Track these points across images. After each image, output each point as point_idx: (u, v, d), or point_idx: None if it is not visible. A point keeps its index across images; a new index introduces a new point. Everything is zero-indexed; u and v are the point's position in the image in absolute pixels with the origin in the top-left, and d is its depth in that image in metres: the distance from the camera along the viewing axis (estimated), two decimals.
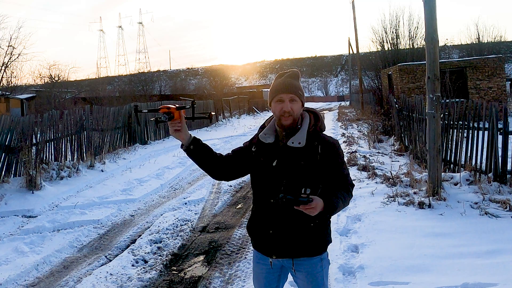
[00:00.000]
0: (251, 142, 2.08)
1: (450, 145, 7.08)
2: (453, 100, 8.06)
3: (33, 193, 6.76)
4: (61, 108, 16.45)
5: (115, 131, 11.42)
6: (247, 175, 2.12)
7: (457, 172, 6.57)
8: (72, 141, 9.26)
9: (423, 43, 7.09)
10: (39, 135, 8.28)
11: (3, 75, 25.40)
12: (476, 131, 6.39)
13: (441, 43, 27.97)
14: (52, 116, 8.69)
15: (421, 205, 5.26)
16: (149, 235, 5.05)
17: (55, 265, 4.36)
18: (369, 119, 16.50)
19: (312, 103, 60.29)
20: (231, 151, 2.13)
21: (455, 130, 6.91)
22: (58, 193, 7.03)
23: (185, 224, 5.49)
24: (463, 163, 6.59)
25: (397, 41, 23.51)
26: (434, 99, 5.78)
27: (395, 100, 11.25)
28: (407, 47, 23.23)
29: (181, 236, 5.06)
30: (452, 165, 6.98)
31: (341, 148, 2.00)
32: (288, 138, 1.94)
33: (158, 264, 4.24)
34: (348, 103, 43.71)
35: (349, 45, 31.82)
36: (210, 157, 2.02)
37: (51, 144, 8.59)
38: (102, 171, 8.89)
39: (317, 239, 1.96)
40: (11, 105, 25.66)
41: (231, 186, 7.61)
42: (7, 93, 25.83)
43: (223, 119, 23.87)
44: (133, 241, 4.93)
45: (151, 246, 4.70)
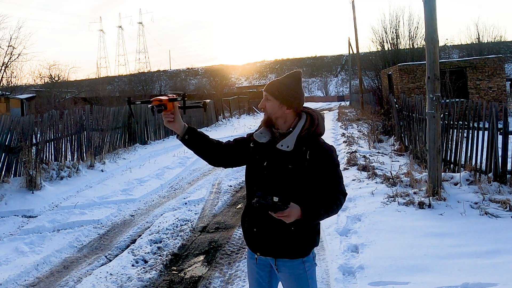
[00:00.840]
0: (251, 136, 2.09)
1: (450, 145, 7.08)
2: (453, 100, 8.06)
3: (33, 193, 6.76)
4: (61, 108, 16.46)
5: (115, 131, 11.42)
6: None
7: (457, 172, 6.57)
8: (72, 141, 9.26)
9: (423, 43, 7.09)
10: (39, 135, 8.28)
11: (3, 75, 25.44)
12: (476, 131, 6.39)
13: (441, 43, 27.96)
14: (52, 116, 8.68)
15: (421, 205, 5.26)
16: (149, 235, 5.05)
17: (55, 265, 4.36)
18: (369, 119, 16.51)
19: (312, 103, 60.27)
20: (232, 140, 2.14)
21: (455, 130, 6.91)
22: (58, 193, 7.04)
23: (185, 224, 5.50)
24: (463, 163, 6.59)
25: (397, 41, 23.53)
26: (434, 99, 5.78)
27: (395, 100, 11.25)
28: (407, 47, 23.24)
29: (181, 236, 5.06)
30: (452, 165, 6.98)
31: (336, 155, 1.96)
32: (281, 139, 1.95)
33: (158, 264, 4.25)
34: (348, 103, 43.69)
35: (349, 45, 31.83)
36: (206, 145, 2.04)
37: (51, 144, 8.59)
38: (102, 171, 8.89)
39: (299, 243, 1.94)
40: (11, 105, 25.68)
41: (231, 186, 7.61)
42: (7, 93, 25.85)
43: (223, 119, 23.87)
44: (133, 241, 4.93)
45: (151, 246, 4.70)
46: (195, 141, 2.00)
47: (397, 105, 10.84)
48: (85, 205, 6.44)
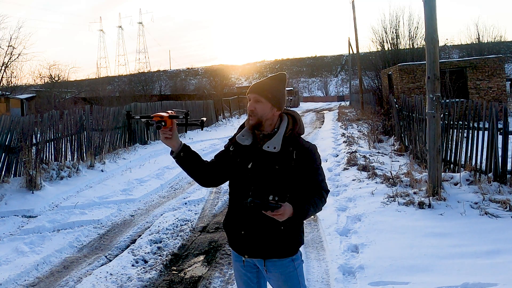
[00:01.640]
0: (230, 141, 2.09)
1: (450, 145, 7.08)
2: (453, 100, 8.06)
3: (33, 193, 6.76)
4: (61, 108, 16.45)
5: (115, 131, 11.42)
6: None
7: (457, 172, 6.57)
8: (72, 141, 9.26)
9: (423, 43, 7.10)
10: (39, 135, 8.28)
11: (3, 75, 25.45)
12: (476, 131, 6.39)
13: (441, 43, 27.98)
14: (52, 116, 8.68)
15: (421, 205, 5.26)
16: (149, 235, 5.05)
17: (55, 265, 4.36)
18: (369, 119, 16.49)
19: (312, 103, 60.28)
20: (214, 157, 2.12)
21: (455, 130, 6.91)
22: (58, 193, 7.04)
23: (185, 224, 5.50)
24: (463, 163, 6.59)
25: (397, 41, 23.55)
26: (434, 99, 5.78)
27: (395, 100, 11.25)
28: (407, 47, 23.27)
29: (181, 236, 5.06)
30: (452, 165, 6.98)
31: (317, 153, 1.99)
32: (267, 139, 1.95)
33: (158, 264, 4.25)
34: (348, 103, 43.65)
35: (349, 45, 31.82)
36: (199, 165, 2.02)
37: (51, 144, 8.59)
38: (102, 171, 8.89)
39: (288, 241, 1.96)
40: (11, 105, 25.68)
41: None
42: (7, 93, 25.87)
43: (223, 119, 23.85)
44: (133, 241, 4.93)
45: (151, 246, 4.70)
46: (189, 160, 1.99)
47: (397, 105, 10.84)
48: (85, 205, 6.44)
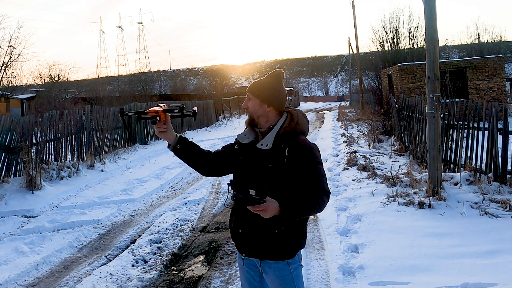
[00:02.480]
0: (236, 139, 2.12)
1: (450, 145, 7.08)
2: (453, 100, 8.06)
3: (33, 193, 6.76)
4: (61, 108, 16.45)
5: (115, 131, 11.43)
6: None
7: (457, 172, 6.57)
8: (72, 141, 9.26)
9: (423, 43, 7.10)
10: (39, 135, 8.28)
11: (3, 75, 25.45)
12: (476, 131, 6.39)
13: (441, 43, 27.98)
14: (52, 116, 8.68)
15: (421, 205, 5.26)
16: (149, 235, 5.05)
17: (55, 265, 4.36)
18: (369, 119, 16.49)
19: (312, 103, 60.24)
20: (221, 148, 2.16)
21: (455, 130, 6.91)
22: (58, 193, 7.04)
23: (185, 224, 5.50)
24: (463, 163, 6.59)
25: (397, 41, 23.52)
26: (434, 99, 5.78)
27: (395, 100, 11.24)
28: (407, 47, 23.23)
29: (181, 236, 5.06)
30: (452, 165, 6.98)
31: (316, 152, 1.93)
32: (262, 139, 1.97)
33: (158, 264, 4.25)
34: (348, 103, 43.63)
35: (349, 45, 31.82)
36: (198, 155, 2.04)
37: (51, 144, 8.59)
38: (102, 171, 8.89)
39: (284, 245, 1.91)
40: (11, 105, 25.67)
41: None
42: (7, 93, 25.86)
43: (223, 119, 23.85)
44: (133, 241, 4.93)
45: (151, 246, 4.70)
46: (186, 151, 2.01)
47: (397, 105, 10.84)
48: (85, 205, 6.44)
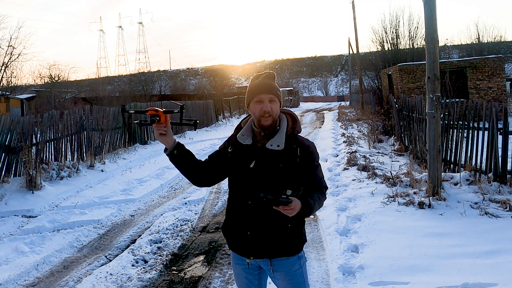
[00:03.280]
0: (228, 142, 2.08)
1: (450, 145, 7.08)
2: (453, 100, 8.06)
3: (33, 193, 6.76)
4: (61, 108, 16.46)
5: (115, 131, 11.42)
6: None
7: (457, 172, 6.57)
8: (72, 141, 9.26)
9: (423, 43, 7.10)
10: (39, 135, 8.28)
11: (3, 75, 25.45)
12: (476, 131, 6.39)
13: (441, 43, 27.98)
14: (52, 116, 8.68)
15: (421, 205, 5.26)
16: (149, 235, 5.05)
17: (55, 265, 4.36)
18: (369, 119, 16.48)
19: (312, 103, 60.20)
20: (208, 157, 2.12)
21: (455, 130, 6.91)
22: (58, 193, 7.04)
23: (185, 224, 5.49)
24: (463, 163, 6.59)
25: (397, 41, 23.52)
26: (434, 99, 5.78)
27: (395, 100, 11.24)
28: (407, 47, 23.23)
29: (181, 236, 5.06)
30: (452, 165, 6.98)
31: (317, 151, 2.03)
32: (267, 139, 1.95)
33: (158, 264, 4.25)
34: (348, 103, 43.62)
35: (349, 45, 31.81)
36: (192, 163, 2.02)
37: (51, 144, 8.59)
38: (102, 171, 8.89)
39: (294, 239, 1.99)
40: (11, 105, 25.67)
41: None
42: (7, 93, 25.86)
43: (223, 119, 23.85)
44: (133, 241, 4.93)
45: (151, 246, 4.70)
46: (182, 158, 1.99)
47: (397, 105, 10.84)
48: (85, 205, 6.44)
